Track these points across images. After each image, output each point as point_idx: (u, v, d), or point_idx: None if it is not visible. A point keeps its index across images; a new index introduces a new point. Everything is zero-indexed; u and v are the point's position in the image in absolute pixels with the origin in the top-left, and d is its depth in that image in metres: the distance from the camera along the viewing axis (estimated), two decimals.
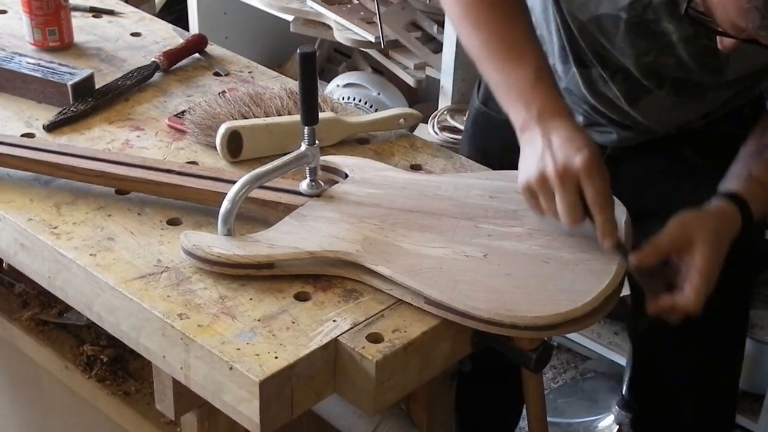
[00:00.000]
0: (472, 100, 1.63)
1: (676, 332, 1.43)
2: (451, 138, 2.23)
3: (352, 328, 1.13)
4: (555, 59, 1.41)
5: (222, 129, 1.39)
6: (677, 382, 1.60)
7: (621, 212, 1.28)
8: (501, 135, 1.44)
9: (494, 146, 1.52)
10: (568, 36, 1.37)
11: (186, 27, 2.69)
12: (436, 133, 2.25)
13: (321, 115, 1.31)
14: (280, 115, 1.45)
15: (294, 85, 1.58)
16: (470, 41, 1.30)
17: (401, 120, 1.51)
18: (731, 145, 1.33)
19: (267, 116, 1.44)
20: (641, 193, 1.43)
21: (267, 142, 1.41)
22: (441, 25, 2.27)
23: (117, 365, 1.51)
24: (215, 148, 1.41)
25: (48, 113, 1.50)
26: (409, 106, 2.63)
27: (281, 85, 1.56)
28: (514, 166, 1.25)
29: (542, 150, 1.18)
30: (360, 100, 2.52)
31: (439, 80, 2.31)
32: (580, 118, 1.45)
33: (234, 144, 1.39)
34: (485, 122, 1.57)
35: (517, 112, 1.24)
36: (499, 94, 1.27)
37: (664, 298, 1.21)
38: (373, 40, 2.29)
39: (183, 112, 1.51)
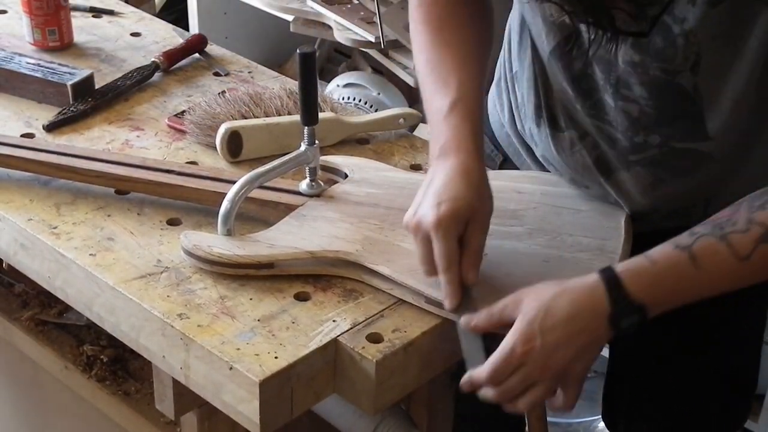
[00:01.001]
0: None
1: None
2: None
3: (352, 328, 1.13)
4: (529, 122, 1.34)
5: (222, 129, 1.39)
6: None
7: (621, 213, 1.28)
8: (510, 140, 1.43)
9: None
10: (544, 88, 1.30)
11: (186, 27, 2.69)
12: None
13: (321, 115, 1.31)
14: (279, 115, 1.45)
15: (294, 85, 1.58)
16: (415, 62, 1.27)
17: (401, 120, 1.51)
18: None
19: (267, 116, 1.44)
20: None
21: (267, 142, 1.41)
22: None
23: (117, 365, 1.51)
24: (215, 148, 1.41)
25: (48, 113, 1.50)
26: (409, 106, 2.63)
27: (281, 85, 1.56)
28: None
29: (421, 194, 1.15)
30: (360, 100, 2.51)
31: None
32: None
33: (234, 144, 1.39)
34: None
35: (431, 143, 1.21)
36: (428, 124, 1.25)
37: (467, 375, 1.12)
38: (373, 40, 2.28)
39: (183, 112, 1.51)
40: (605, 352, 2.15)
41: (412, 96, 2.68)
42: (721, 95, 1.16)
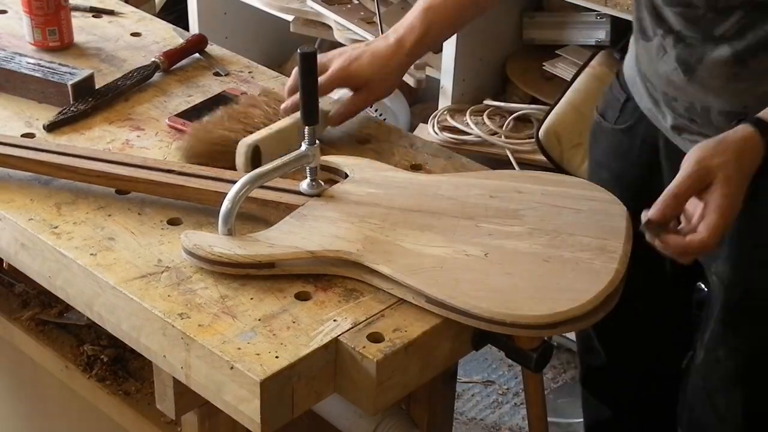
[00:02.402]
0: (592, 111, 1.64)
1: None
2: (451, 138, 2.24)
3: (352, 327, 1.13)
4: (634, 45, 1.45)
5: (242, 147, 1.34)
6: None
7: (621, 213, 1.28)
8: (610, 141, 1.53)
9: (601, 154, 1.57)
10: (636, 2, 1.39)
11: (186, 27, 2.69)
12: (436, 133, 2.26)
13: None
14: (268, 119, 1.44)
15: (265, 83, 1.59)
16: None
17: None
18: None
19: (249, 126, 1.42)
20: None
21: (276, 147, 1.39)
22: None
23: (117, 365, 1.51)
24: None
25: (48, 113, 1.50)
26: (409, 106, 2.64)
27: (249, 90, 1.56)
28: (621, 174, 1.40)
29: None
30: None
31: (439, 80, 2.31)
32: (669, 119, 1.43)
33: (255, 158, 1.37)
34: (599, 131, 1.57)
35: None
36: None
37: (675, 238, 1.17)
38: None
39: (183, 111, 1.51)
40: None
41: (412, 96, 2.69)
42: None
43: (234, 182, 1.23)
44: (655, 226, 1.16)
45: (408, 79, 2.33)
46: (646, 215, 1.15)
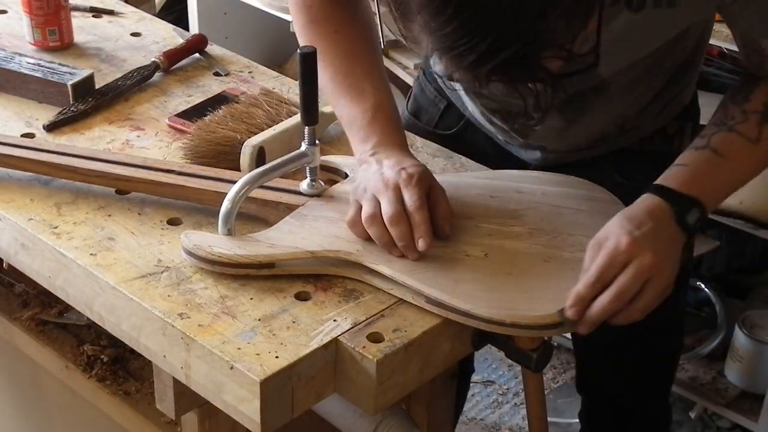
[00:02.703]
0: (402, 110, 1.65)
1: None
2: None
3: (352, 327, 1.13)
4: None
5: (247, 148, 1.35)
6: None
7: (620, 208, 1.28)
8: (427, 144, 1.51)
9: None
10: None
11: (186, 27, 2.69)
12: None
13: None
14: (270, 119, 1.44)
15: (266, 83, 1.59)
16: (319, 78, 1.31)
17: None
18: (658, 163, 1.28)
19: (253, 126, 1.43)
20: None
21: (279, 148, 1.39)
22: None
23: (117, 365, 1.51)
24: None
25: (48, 113, 1.50)
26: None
27: (249, 89, 1.55)
28: None
29: (374, 172, 1.21)
30: None
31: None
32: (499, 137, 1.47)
33: (260, 158, 1.37)
34: (414, 131, 1.58)
35: (356, 145, 1.29)
36: (345, 129, 1.32)
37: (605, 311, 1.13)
38: None
39: (184, 111, 1.51)
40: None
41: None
42: (615, 62, 1.27)
43: (234, 182, 1.23)
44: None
45: (408, 79, 2.34)
46: (565, 313, 1.13)
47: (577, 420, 1.79)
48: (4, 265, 1.49)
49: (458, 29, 0.98)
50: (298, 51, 1.21)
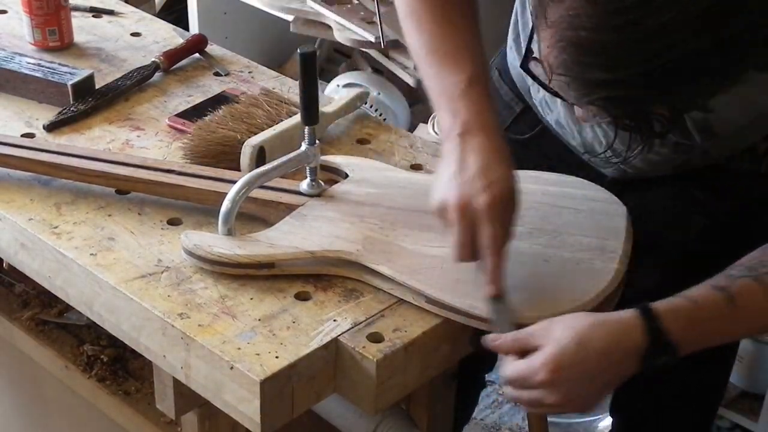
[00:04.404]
0: None
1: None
2: None
3: (352, 327, 1.13)
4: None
5: (247, 148, 1.35)
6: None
7: (621, 213, 1.28)
8: None
9: None
10: None
11: (186, 27, 2.69)
12: (436, 133, 2.25)
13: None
14: (270, 119, 1.44)
15: (265, 83, 1.59)
16: (411, 41, 1.24)
17: (358, 102, 1.54)
18: (744, 183, 1.24)
19: (253, 126, 1.43)
20: (638, 222, 1.31)
21: (279, 147, 1.39)
22: None
23: (117, 365, 1.51)
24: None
25: (48, 113, 1.50)
26: (409, 106, 2.64)
27: (249, 89, 1.55)
28: None
29: (454, 173, 1.12)
30: None
31: None
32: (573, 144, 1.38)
33: (260, 158, 1.37)
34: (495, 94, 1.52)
35: (443, 118, 1.17)
36: (432, 99, 1.21)
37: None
38: (373, 40, 2.28)
39: (184, 111, 1.51)
40: None
41: (411, 95, 2.69)
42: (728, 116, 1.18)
43: (234, 182, 1.23)
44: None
45: (408, 79, 2.34)
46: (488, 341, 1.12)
47: (578, 420, 1.79)
48: (4, 265, 1.49)
49: (604, 52, 0.93)
50: (299, 51, 1.21)
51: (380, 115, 2.55)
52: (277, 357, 1.08)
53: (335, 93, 2.48)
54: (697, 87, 0.97)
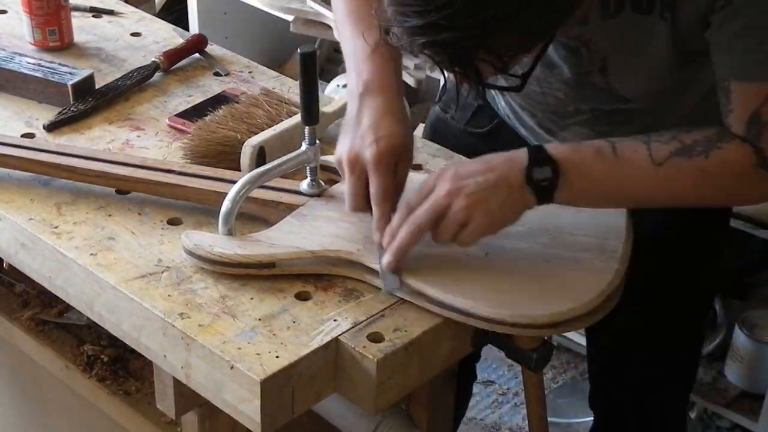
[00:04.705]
0: (432, 105, 1.64)
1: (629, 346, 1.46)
2: None
3: (352, 327, 1.13)
4: None
5: (247, 148, 1.35)
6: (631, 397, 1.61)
7: (621, 213, 1.28)
8: (457, 142, 1.50)
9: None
10: None
11: (186, 27, 2.69)
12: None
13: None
14: (270, 119, 1.44)
15: (265, 83, 1.60)
16: (334, 4, 1.32)
17: None
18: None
19: (253, 126, 1.42)
20: None
21: (280, 147, 1.39)
22: None
23: (117, 365, 1.51)
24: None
25: (48, 113, 1.50)
26: (409, 106, 2.63)
27: (249, 89, 1.55)
28: None
29: (349, 130, 1.21)
30: None
31: (439, 80, 2.31)
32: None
33: (260, 158, 1.37)
34: (444, 128, 1.57)
35: (350, 79, 1.27)
36: (345, 61, 1.30)
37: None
38: None
39: (184, 111, 1.51)
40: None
41: (412, 96, 2.68)
42: (633, 81, 1.25)
43: (234, 182, 1.23)
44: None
45: (408, 79, 2.34)
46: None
47: (578, 420, 1.79)
48: (4, 265, 1.49)
49: None
50: (299, 51, 1.21)
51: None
52: (277, 357, 1.08)
53: (335, 93, 2.48)
54: (514, 34, 1.02)
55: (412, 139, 1.24)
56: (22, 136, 1.45)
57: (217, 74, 1.65)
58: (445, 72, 1.09)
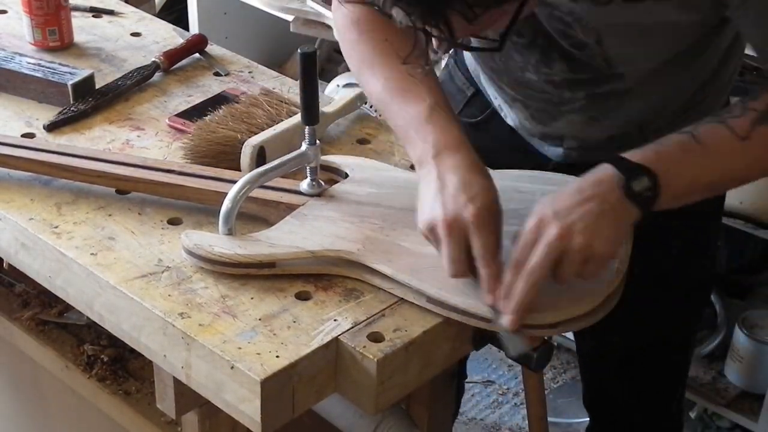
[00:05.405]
0: None
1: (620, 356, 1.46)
2: None
3: (353, 327, 1.13)
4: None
5: (247, 148, 1.35)
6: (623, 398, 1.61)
7: None
8: None
9: None
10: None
11: (186, 27, 2.69)
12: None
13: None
14: (270, 119, 1.44)
15: (266, 82, 1.60)
16: (370, 89, 1.28)
17: (358, 102, 1.54)
18: None
19: (253, 126, 1.43)
20: None
21: (280, 147, 1.39)
22: None
23: (117, 365, 1.51)
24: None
25: (48, 113, 1.50)
26: None
27: (249, 89, 1.55)
28: None
29: (435, 194, 1.14)
30: None
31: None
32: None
33: (260, 158, 1.37)
34: None
35: (414, 146, 1.20)
36: (400, 136, 1.25)
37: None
38: None
39: (184, 111, 1.51)
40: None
41: None
42: (630, 56, 1.23)
43: (234, 182, 1.23)
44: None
45: None
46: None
47: (578, 420, 1.79)
48: (4, 265, 1.49)
49: None
50: (299, 51, 1.21)
51: (380, 115, 2.56)
52: (277, 356, 1.08)
53: (335, 93, 2.48)
54: None
55: (497, 193, 1.16)
56: (22, 136, 1.45)
57: (217, 74, 1.65)
58: (418, 30, 1.04)
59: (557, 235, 1.08)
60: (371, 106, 2.48)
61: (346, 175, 1.35)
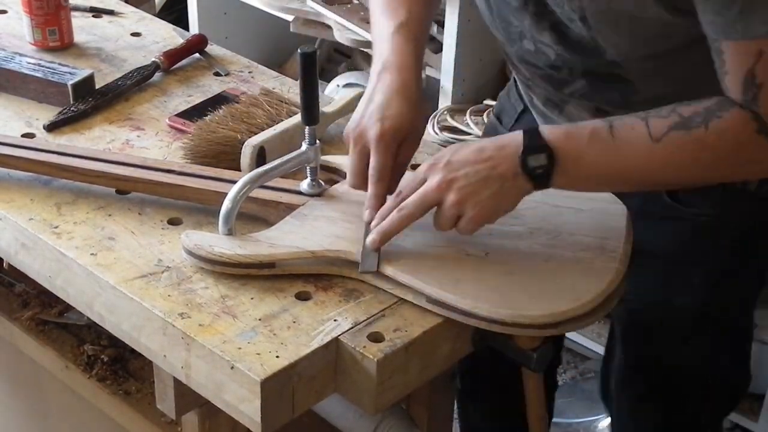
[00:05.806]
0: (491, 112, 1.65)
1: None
2: (451, 138, 2.23)
3: (353, 327, 1.13)
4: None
5: (247, 148, 1.35)
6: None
7: (621, 213, 1.28)
8: None
9: None
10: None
11: (186, 27, 2.69)
12: (436, 133, 2.25)
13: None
14: (270, 119, 1.44)
15: (265, 83, 1.60)
16: (373, 7, 1.34)
17: (357, 102, 1.53)
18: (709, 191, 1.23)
19: (253, 126, 1.43)
20: None
21: (280, 147, 1.39)
22: (441, 25, 2.27)
23: (117, 365, 1.52)
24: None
25: (48, 113, 1.50)
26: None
27: (249, 89, 1.55)
28: None
29: (362, 107, 1.23)
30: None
31: (439, 80, 2.31)
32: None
33: (260, 158, 1.37)
34: (494, 133, 1.57)
35: (373, 60, 1.29)
36: (373, 46, 1.32)
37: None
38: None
39: (184, 111, 1.51)
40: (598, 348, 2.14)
41: None
42: (615, 42, 1.21)
43: (234, 182, 1.23)
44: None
45: None
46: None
47: (578, 420, 1.79)
48: (4, 265, 1.49)
49: None
50: (299, 51, 1.21)
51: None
52: (277, 357, 1.08)
53: (335, 93, 2.49)
54: None
55: (423, 122, 1.25)
56: (22, 136, 1.45)
57: (217, 74, 1.65)
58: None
59: (436, 186, 1.14)
60: None
61: (346, 175, 1.34)
